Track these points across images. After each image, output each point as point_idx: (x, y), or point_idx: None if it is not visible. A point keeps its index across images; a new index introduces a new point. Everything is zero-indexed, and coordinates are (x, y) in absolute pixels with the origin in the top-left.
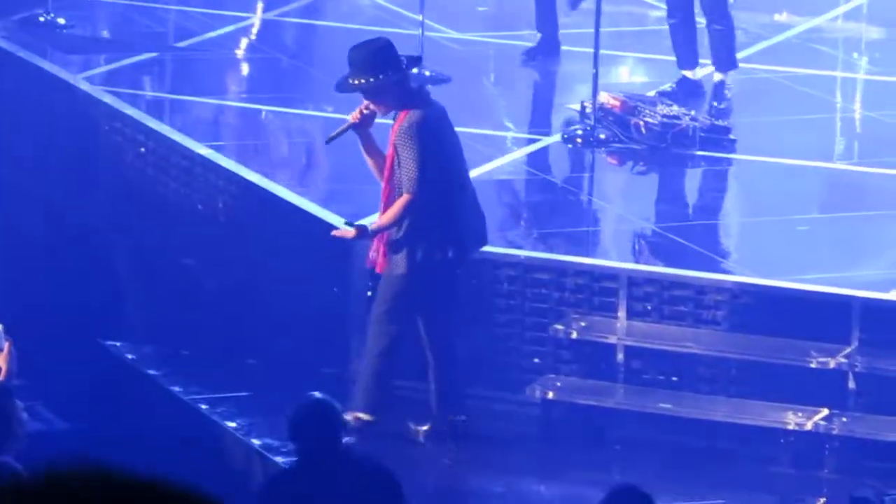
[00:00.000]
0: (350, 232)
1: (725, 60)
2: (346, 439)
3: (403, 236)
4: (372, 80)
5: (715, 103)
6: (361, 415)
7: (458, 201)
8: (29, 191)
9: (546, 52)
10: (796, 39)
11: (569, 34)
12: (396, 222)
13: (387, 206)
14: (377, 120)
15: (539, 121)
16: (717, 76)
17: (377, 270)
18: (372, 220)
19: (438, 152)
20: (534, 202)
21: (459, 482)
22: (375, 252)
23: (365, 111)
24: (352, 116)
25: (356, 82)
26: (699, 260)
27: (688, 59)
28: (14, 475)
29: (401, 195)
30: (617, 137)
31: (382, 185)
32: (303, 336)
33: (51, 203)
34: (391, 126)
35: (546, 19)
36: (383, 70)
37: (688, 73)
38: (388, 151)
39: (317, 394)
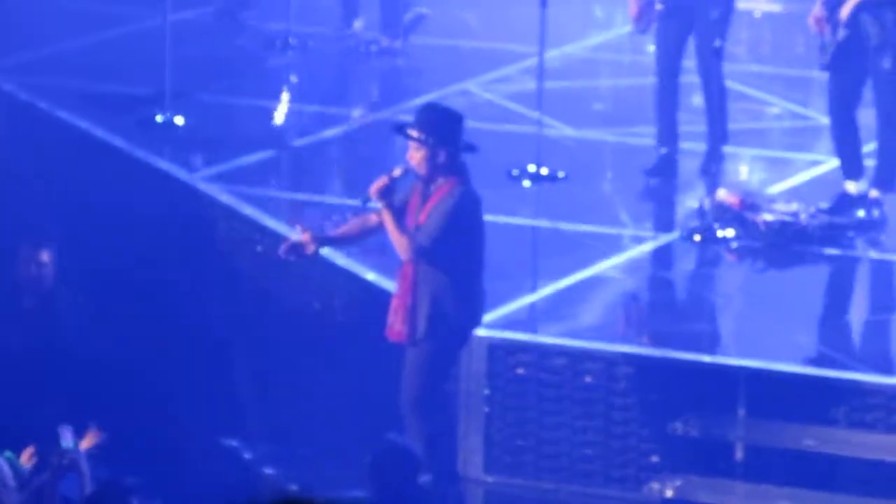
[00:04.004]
0: (306, 237)
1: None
2: (422, 479)
3: (424, 303)
4: (431, 140)
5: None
6: None
7: (476, 281)
8: (145, 290)
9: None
10: None
11: (685, 132)
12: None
13: (413, 276)
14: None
15: (657, 218)
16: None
17: (393, 338)
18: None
19: (468, 229)
20: (652, 300)
21: None
22: (394, 316)
23: (399, 173)
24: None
25: (413, 133)
26: (819, 357)
27: (850, 167)
28: None
29: (419, 257)
30: (735, 235)
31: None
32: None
33: (166, 302)
34: (428, 194)
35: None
36: (442, 138)
37: (849, 185)
38: (421, 218)
39: (393, 435)
